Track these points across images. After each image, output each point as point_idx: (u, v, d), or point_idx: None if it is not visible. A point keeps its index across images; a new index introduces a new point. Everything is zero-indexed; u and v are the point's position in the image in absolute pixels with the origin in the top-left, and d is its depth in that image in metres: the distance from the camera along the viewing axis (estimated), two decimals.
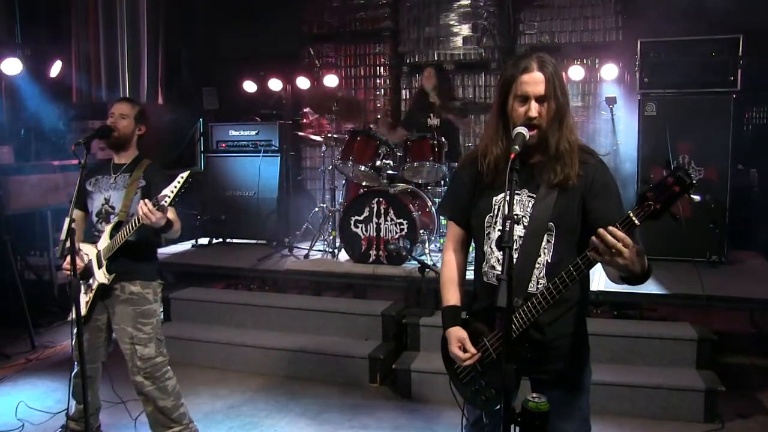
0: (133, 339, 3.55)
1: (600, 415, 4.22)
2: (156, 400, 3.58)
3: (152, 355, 3.57)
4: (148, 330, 3.58)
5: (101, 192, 3.63)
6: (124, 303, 3.57)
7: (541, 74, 2.20)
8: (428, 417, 4.40)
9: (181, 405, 3.67)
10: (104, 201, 3.60)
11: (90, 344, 3.61)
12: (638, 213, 1.91)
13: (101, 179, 3.67)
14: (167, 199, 3.16)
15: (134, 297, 3.58)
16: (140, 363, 3.55)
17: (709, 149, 5.76)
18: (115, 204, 3.57)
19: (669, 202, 1.88)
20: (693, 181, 1.86)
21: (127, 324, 3.56)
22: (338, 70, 8.36)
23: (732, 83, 5.77)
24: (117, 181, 3.62)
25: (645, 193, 1.91)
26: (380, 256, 5.85)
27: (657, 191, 1.89)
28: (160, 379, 3.59)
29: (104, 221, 3.59)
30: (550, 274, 2.24)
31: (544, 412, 2.05)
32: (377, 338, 5.18)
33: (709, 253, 5.75)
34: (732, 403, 4.32)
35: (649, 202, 1.90)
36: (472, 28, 7.90)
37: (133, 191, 3.54)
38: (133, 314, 3.57)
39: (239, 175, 7.33)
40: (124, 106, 3.64)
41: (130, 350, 3.55)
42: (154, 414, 3.61)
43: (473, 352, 2.29)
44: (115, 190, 3.59)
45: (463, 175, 2.47)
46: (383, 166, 6.10)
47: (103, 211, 3.60)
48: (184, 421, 3.67)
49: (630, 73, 7.09)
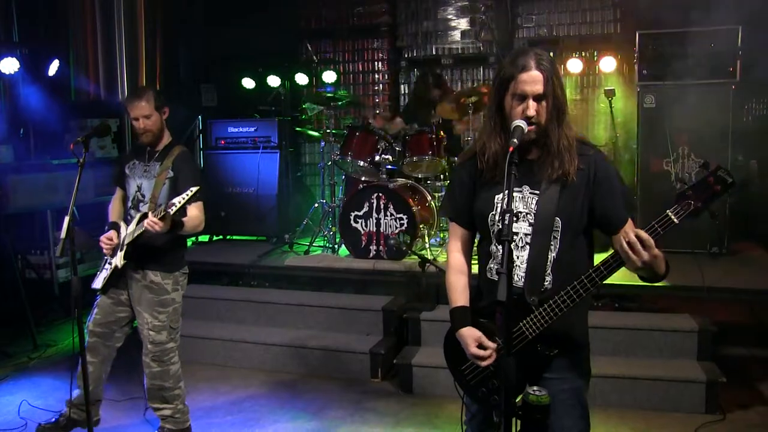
0: (148, 325, 3.75)
1: (602, 408, 4.23)
2: (157, 379, 3.80)
3: (163, 341, 3.78)
4: (162, 318, 3.77)
5: (135, 179, 3.80)
6: (145, 289, 3.75)
7: (540, 73, 2.18)
8: (430, 411, 4.41)
9: (178, 388, 3.87)
10: (137, 188, 3.78)
11: (104, 319, 3.81)
12: (678, 211, 1.96)
13: (137, 165, 3.82)
14: (174, 208, 3.33)
15: (154, 286, 3.75)
16: (151, 346, 3.77)
17: (708, 140, 5.76)
18: (146, 192, 3.74)
19: (709, 201, 1.94)
20: (734, 180, 1.91)
21: (145, 309, 3.75)
22: (336, 66, 8.35)
23: (731, 74, 5.78)
24: (149, 169, 3.77)
25: (685, 191, 1.95)
26: (380, 251, 5.85)
27: (698, 190, 1.95)
28: (166, 362, 3.81)
29: (135, 208, 3.76)
30: (556, 269, 2.24)
31: (545, 405, 2.06)
32: (378, 333, 5.18)
33: (709, 245, 5.77)
34: (732, 394, 4.32)
35: (689, 201, 1.94)
36: (470, 22, 7.90)
37: (162, 182, 3.70)
38: (151, 302, 3.75)
39: (238, 172, 7.33)
40: (143, 107, 3.65)
41: (145, 334, 3.78)
42: (153, 389, 3.84)
43: (493, 347, 2.24)
44: (146, 179, 3.76)
45: (462, 174, 2.46)
46: (382, 161, 6.09)
47: (135, 198, 3.78)
48: (175, 402, 3.87)
49: (629, 66, 7.09)
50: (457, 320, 2.39)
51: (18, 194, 6.09)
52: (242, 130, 7.45)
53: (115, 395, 4.60)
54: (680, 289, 4.97)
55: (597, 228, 2.31)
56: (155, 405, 3.87)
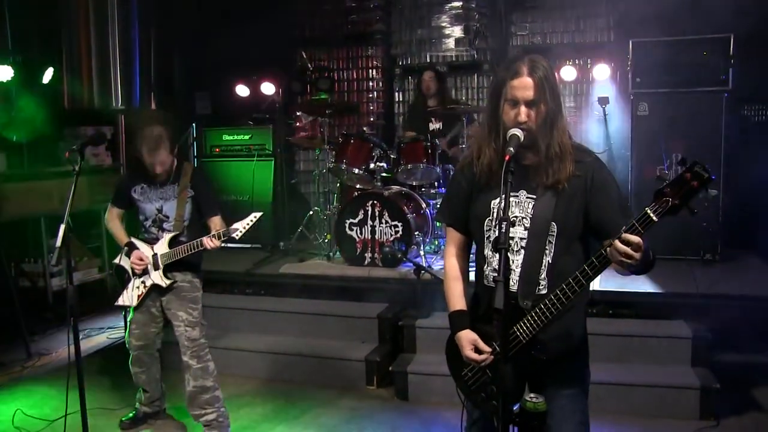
0: (185, 321, 3.97)
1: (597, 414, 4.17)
2: (198, 378, 3.96)
3: (198, 336, 3.99)
4: (195, 315, 4.01)
5: (151, 202, 3.98)
6: (176, 290, 3.99)
7: (530, 79, 2.20)
8: (426, 418, 4.40)
9: (217, 388, 4.04)
10: (157, 211, 3.98)
11: (143, 331, 4.07)
12: (656, 209, 1.93)
13: (148, 189, 3.99)
14: (238, 233, 3.72)
15: (185, 285, 4.01)
16: (188, 343, 3.96)
17: (701, 148, 5.79)
18: (169, 213, 3.97)
19: (687, 197, 1.91)
20: (712, 176, 1.88)
21: (179, 309, 3.98)
22: (331, 74, 8.36)
23: (723, 82, 5.81)
24: (166, 191, 3.98)
25: (662, 189, 1.93)
26: (375, 259, 5.86)
27: (675, 187, 1.91)
28: (203, 359, 4.00)
29: (158, 228, 3.99)
30: (552, 274, 2.25)
31: (542, 412, 2.07)
32: (373, 341, 5.18)
33: (702, 252, 5.78)
34: (727, 401, 4.33)
35: (667, 198, 1.91)
36: (464, 29, 7.91)
37: (185, 201, 3.96)
38: (185, 299, 3.99)
39: (233, 180, 7.32)
40: (161, 154, 3.82)
41: (181, 332, 3.97)
42: (194, 393, 3.98)
43: (488, 350, 2.27)
44: (165, 201, 3.97)
45: (460, 180, 2.48)
46: (377, 169, 6.10)
47: (157, 219, 3.99)
48: (217, 405, 4.03)
49: (622, 73, 7.11)
50: (455, 324, 2.41)
51: (12, 202, 6.07)
52: (237, 138, 7.46)
53: (111, 403, 4.59)
54: (674, 295, 4.99)
55: (592, 235, 2.31)
56: (198, 412, 4.01)
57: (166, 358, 4.30)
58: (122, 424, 4.29)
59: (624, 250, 1.94)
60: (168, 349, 4.26)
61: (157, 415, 4.37)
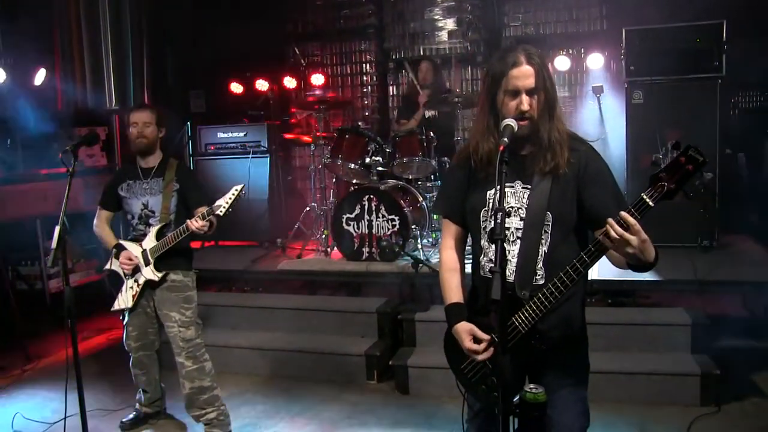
0: (178, 322, 3.90)
1: (598, 403, 4.19)
2: (195, 380, 3.92)
3: (193, 336, 3.94)
4: (189, 314, 3.95)
5: (137, 197, 3.96)
6: (168, 290, 3.93)
7: (530, 67, 2.20)
8: (427, 412, 4.40)
9: (216, 387, 4.00)
10: (143, 206, 3.95)
11: (140, 332, 4.05)
12: (652, 194, 1.93)
13: (133, 184, 3.99)
14: (222, 209, 3.58)
15: (177, 284, 3.94)
16: (182, 344, 3.91)
17: (696, 135, 5.78)
18: (154, 208, 3.94)
19: (683, 181, 1.90)
20: (706, 159, 1.87)
21: (171, 309, 3.92)
22: (324, 69, 8.34)
23: (717, 68, 5.80)
24: (151, 186, 3.96)
25: (658, 174, 1.92)
26: (373, 253, 5.85)
27: (670, 171, 1.91)
28: (200, 359, 3.95)
29: (144, 224, 3.95)
30: (548, 264, 2.24)
31: (542, 402, 2.06)
32: (373, 335, 5.18)
33: (700, 238, 5.78)
34: (727, 386, 4.33)
35: (663, 182, 1.90)
36: (457, 21, 7.89)
37: (170, 194, 3.92)
38: (177, 300, 3.93)
39: (229, 178, 7.28)
40: (145, 115, 3.91)
41: (175, 332, 3.91)
42: (192, 394, 3.94)
43: (487, 338, 2.24)
44: (151, 195, 3.95)
45: (457, 172, 2.47)
46: (373, 163, 6.09)
47: (143, 215, 3.96)
48: (216, 404, 4.00)
49: (616, 62, 7.12)
50: (452, 317, 2.40)
51: (7, 205, 6.05)
52: (232, 136, 7.43)
53: (111, 405, 4.58)
54: (673, 282, 4.99)
55: (586, 223, 2.30)
56: (198, 412, 3.98)
57: (165, 359, 4.29)
58: (122, 424, 4.28)
59: (620, 232, 1.92)
60: (167, 349, 4.23)
61: (157, 415, 4.37)
